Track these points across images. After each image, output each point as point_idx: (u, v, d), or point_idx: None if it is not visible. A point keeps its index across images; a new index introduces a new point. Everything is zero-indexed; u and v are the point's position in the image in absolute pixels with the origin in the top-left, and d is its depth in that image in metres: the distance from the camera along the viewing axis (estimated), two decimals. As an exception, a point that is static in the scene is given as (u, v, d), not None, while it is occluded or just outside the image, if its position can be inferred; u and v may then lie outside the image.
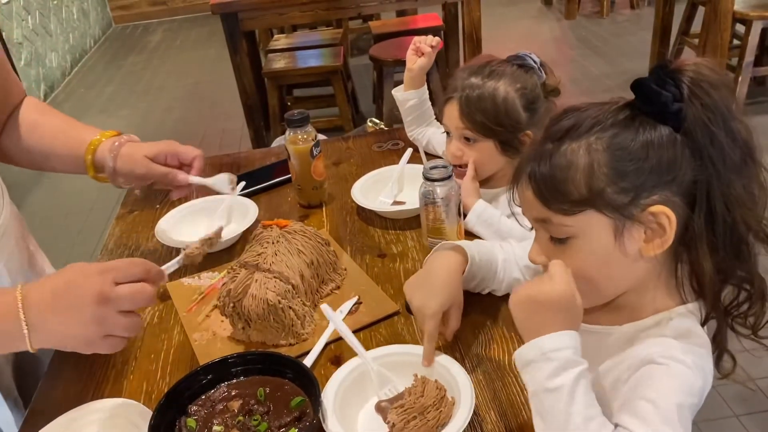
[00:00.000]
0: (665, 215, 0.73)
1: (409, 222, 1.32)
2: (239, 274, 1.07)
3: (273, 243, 1.12)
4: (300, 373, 0.91)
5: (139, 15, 7.25)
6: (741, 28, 3.66)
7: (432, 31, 3.75)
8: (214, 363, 0.94)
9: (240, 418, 0.87)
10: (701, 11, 3.75)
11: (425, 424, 0.87)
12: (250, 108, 3.52)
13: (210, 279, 1.22)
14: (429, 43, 1.46)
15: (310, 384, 0.88)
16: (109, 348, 0.82)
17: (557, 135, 0.77)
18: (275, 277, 1.05)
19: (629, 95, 0.76)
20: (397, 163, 1.47)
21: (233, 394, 0.91)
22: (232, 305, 1.04)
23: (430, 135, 1.54)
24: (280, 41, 4.05)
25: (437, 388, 0.91)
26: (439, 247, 1.03)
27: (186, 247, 0.99)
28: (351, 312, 1.09)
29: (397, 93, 1.54)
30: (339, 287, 1.15)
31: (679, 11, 4.07)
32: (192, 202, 1.43)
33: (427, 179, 1.09)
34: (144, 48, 6.42)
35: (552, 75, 1.34)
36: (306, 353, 1.01)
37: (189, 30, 6.83)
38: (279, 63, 3.63)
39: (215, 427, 0.86)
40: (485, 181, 1.35)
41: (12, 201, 1.14)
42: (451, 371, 0.91)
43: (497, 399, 0.91)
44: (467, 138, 1.29)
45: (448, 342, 1.00)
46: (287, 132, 1.37)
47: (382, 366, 0.95)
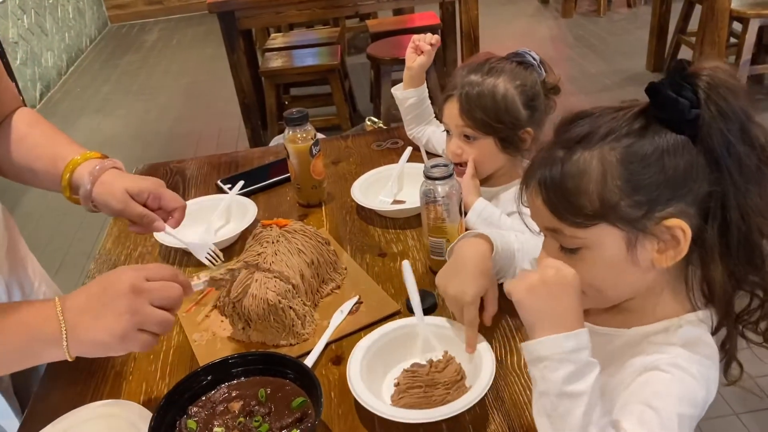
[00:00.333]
0: (680, 228, 0.71)
1: (410, 221, 1.31)
2: (239, 273, 1.06)
3: (273, 242, 1.11)
4: (301, 374, 0.90)
5: (135, 14, 7.22)
6: (738, 26, 3.66)
7: (429, 30, 3.72)
8: (214, 363, 0.93)
9: (241, 419, 0.86)
10: (698, 9, 3.76)
11: (426, 396, 0.87)
12: (247, 107, 3.51)
13: (205, 282, 1.20)
14: (428, 41, 1.45)
15: (311, 384, 0.87)
16: (142, 344, 0.83)
17: (569, 142, 0.75)
18: (275, 277, 1.05)
19: (626, 94, 0.74)
20: (397, 162, 1.46)
21: (234, 395, 0.91)
22: (231, 305, 1.03)
23: (429, 134, 1.53)
24: (276, 40, 4.04)
25: (457, 371, 0.91)
26: (464, 236, 1.02)
27: (213, 273, 1.01)
28: (352, 312, 1.08)
29: (397, 91, 1.54)
30: (339, 287, 1.15)
31: (676, 9, 4.07)
32: (191, 201, 1.42)
33: (429, 178, 1.08)
34: (140, 47, 6.40)
35: (552, 73, 1.33)
36: (307, 353, 1.01)
37: (185, 29, 6.80)
38: (276, 62, 3.62)
39: (216, 429, 0.85)
40: (485, 180, 1.34)
41: (6, 203, 1.11)
42: (482, 362, 0.90)
43: (500, 398, 0.91)
44: (467, 136, 1.29)
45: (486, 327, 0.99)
46: (286, 131, 1.36)
47: (432, 334, 0.97)
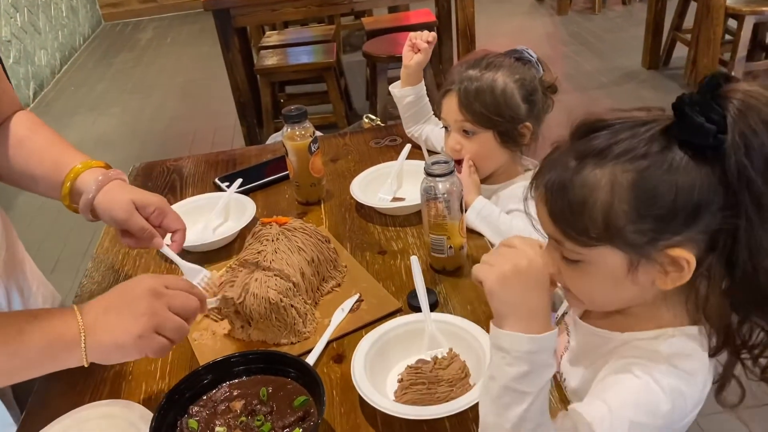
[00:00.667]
0: (685, 259, 0.69)
1: (409, 218, 1.31)
2: (238, 274, 1.05)
3: (273, 241, 1.10)
4: (303, 372, 0.89)
5: (129, 12, 7.19)
6: (733, 23, 3.67)
7: (425, 27, 3.73)
8: (215, 363, 0.92)
9: (243, 418, 0.86)
10: (693, 6, 3.76)
11: (430, 393, 0.87)
12: (242, 105, 3.50)
13: (207, 278, 1.20)
14: (425, 39, 1.44)
15: (313, 383, 0.86)
16: (158, 349, 0.84)
17: (583, 153, 0.72)
18: (276, 275, 1.04)
19: (622, 91, 0.72)
20: (395, 159, 1.46)
21: (235, 394, 0.90)
22: (233, 305, 1.02)
23: (428, 131, 1.52)
24: (272, 38, 4.02)
25: (462, 369, 0.90)
26: None
27: (225, 294, 1.02)
28: (352, 310, 1.07)
29: (395, 90, 1.53)
30: (340, 285, 1.14)
31: (672, 6, 4.07)
32: (189, 199, 1.41)
33: (429, 175, 1.08)
34: (134, 45, 6.37)
35: (549, 72, 1.33)
36: (308, 352, 1.00)
37: (180, 27, 6.77)
38: (271, 60, 3.61)
39: (218, 428, 0.85)
40: (486, 178, 1.34)
41: (1, 206, 1.10)
42: (486, 360, 0.89)
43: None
44: (466, 131, 1.29)
45: None
46: (285, 128, 1.35)
47: (438, 330, 0.97)
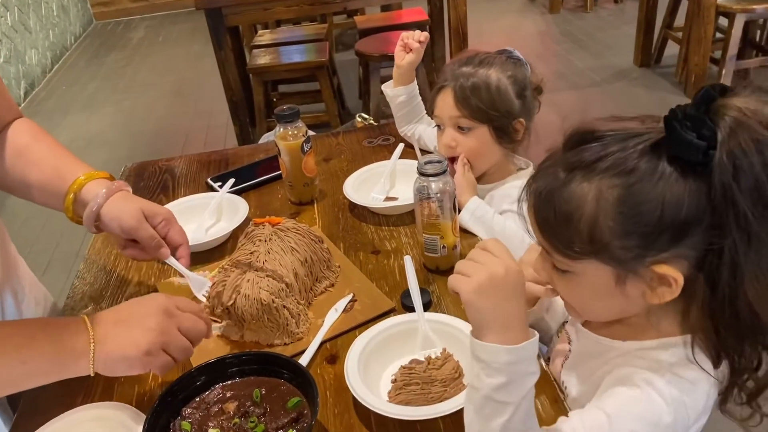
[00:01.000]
0: (672, 277, 0.68)
1: (402, 218, 1.30)
2: (230, 274, 1.05)
3: (265, 241, 1.10)
4: (296, 373, 0.89)
5: (121, 11, 7.15)
6: (724, 21, 3.68)
7: (417, 26, 3.75)
8: (208, 364, 0.92)
9: (236, 420, 0.85)
10: (684, 4, 3.78)
11: (423, 393, 0.87)
12: (235, 104, 3.48)
13: (214, 273, 1.19)
14: (417, 39, 1.45)
15: (306, 384, 0.86)
16: (162, 365, 0.86)
17: (573, 165, 0.70)
18: (268, 276, 1.04)
19: (614, 89, 0.72)
20: (388, 159, 1.46)
21: (228, 395, 0.90)
22: (223, 307, 1.02)
23: (421, 131, 1.52)
24: (264, 37, 4.01)
25: (455, 369, 0.90)
26: None
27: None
28: (346, 310, 1.07)
29: (387, 89, 1.53)
30: (333, 285, 1.14)
31: (663, 5, 4.08)
32: (181, 199, 1.41)
33: (422, 174, 1.08)
34: (126, 44, 6.34)
35: (535, 73, 1.34)
36: (301, 352, 1.00)
37: (172, 26, 6.74)
38: (264, 59, 3.60)
39: (211, 430, 0.84)
40: (479, 177, 1.34)
41: None
42: None
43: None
44: (461, 127, 1.29)
45: None
46: (277, 128, 1.35)
47: (432, 330, 0.97)
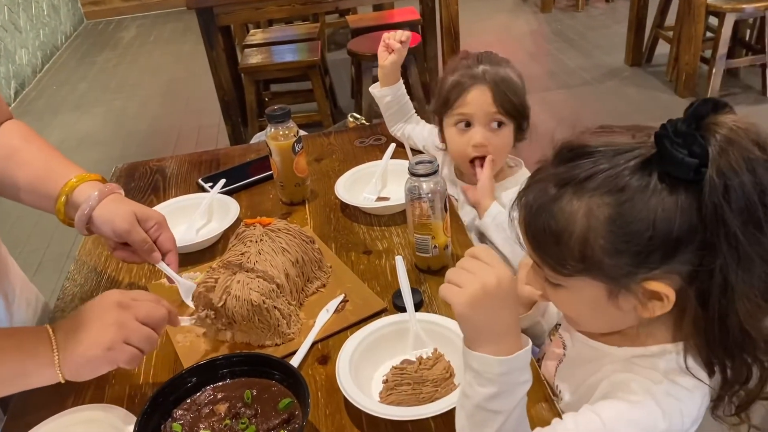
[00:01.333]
0: (664, 294, 0.68)
1: (394, 218, 1.31)
2: (219, 275, 1.04)
3: (256, 242, 1.10)
4: (287, 374, 0.89)
5: (112, 11, 7.12)
6: (714, 20, 3.70)
7: (409, 25, 3.75)
8: (199, 365, 0.92)
9: (227, 421, 0.85)
10: (675, 4, 3.80)
11: (415, 393, 0.87)
12: (226, 104, 3.48)
13: (191, 279, 1.19)
14: (398, 39, 1.45)
15: (298, 385, 0.86)
16: (128, 358, 0.85)
17: (563, 181, 0.70)
18: (259, 277, 1.03)
19: (606, 88, 0.71)
20: (380, 159, 1.46)
21: (219, 397, 0.90)
22: (207, 308, 1.01)
23: (410, 130, 1.53)
24: (256, 36, 4.00)
25: (446, 369, 0.90)
26: None
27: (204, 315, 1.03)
28: (337, 310, 1.07)
29: (374, 90, 1.54)
30: (324, 285, 1.14)
31: (654, 4, 4.10)
32: (172, 200, 1.40)
33: (413, 174, 1.08)
34: (117, 44, 6.31)
35: None
36: (293, 353, 1.00)
37: (163, 25, 6.72)
38: (256, 58, 3.59)
39: None
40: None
41: None
42: None
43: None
44: (497, 124, 1.28)
45: None
46: (268, 128, 1.34)
47: (423, 330, 0.97)
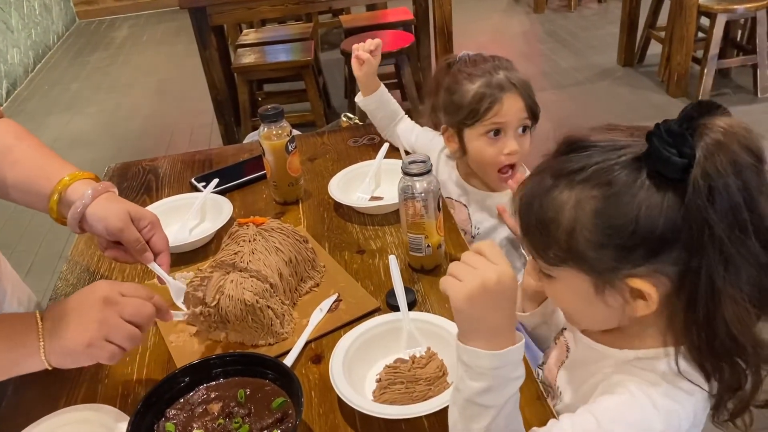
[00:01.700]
0: (647, 293, 0.68)
1: (388, 217, 1.31)
2: (214, 274, 1.04)
3: (250, 241, 1.10)
4: (281, 374, 0.89)
5: (104, 10, 7.09)
6: (706, 21, 3.72)
7: (402, 25, 3.75)
8: (192, 365, 0.91)
9: (220, 421, 0.85)
10: (667, 4, 3.81)
11: (408, 392, 0.87)
12: (220, 104, 3.47)
13: (184, 279, 1.19)
14: (367, 49, 1.46)
15: (291, 384, 0.86)
16: (108, 356, 0.85)
17: (558, 172, 0.71)
18: (252, 277, 1.03)
19: (598, 88, 0.71)
20: (374, 159, 1.46)
21: (213, 396, 0.89)
22: (202, 307, 1.01)
23: (400, 132, 1.53)
24: (249, 36, 3.99)
25: (439, 367, 0.91)
26: None
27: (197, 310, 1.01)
28: (331, 309, 1.07)
29: (359, 101, 1.56)
30: (318, 285, 1.14)
31: (646, 4, 4.11)
32: (165, 200, 1.40)
33: (406, 174, 1.08)
34: (110, 44, 6.29)
35: None
36: (286, 353, 1.00)
37: (156, 25, 6.70)
38: (249, 58, 3.58)
39: (195, 431, 0.84)
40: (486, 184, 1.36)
41: None
42: None
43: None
44: (522, 129, 1.29)
45: None
46: (261, 127, 1.34)
47: (416, 329, 0.97)
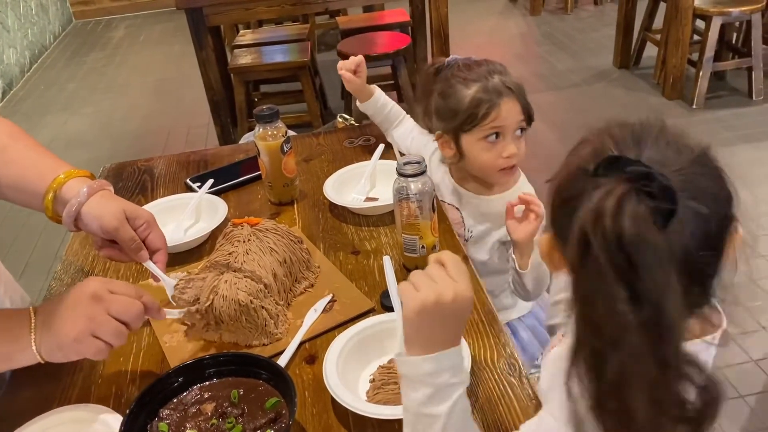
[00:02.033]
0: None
1: (383, 218, 1.31)
2: (208, 275, 1.04)
3: (244, 242, 1.10)
4: (274, 374, 0.89)
5: (101, 10, 7.08)
6: (701, 23, 3.73)
7: (399, 27, 3.76)
8: (186, 365, 0.92)
9: (214, 421, 0.85)
10: (663, 7, 3.82)
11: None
12: (216, 104, 3.47)
13: (178, 279, 1.19)
14: (349, 68, 1.49)
15: (285, 384, 0.86)
16: (95, 351, 0.86)
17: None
18: (246, 277, 1.03)
19: (594, 90, 0.70)
20: (369, 159, 1.46)
21: (206, 396, 0.90)
22: (196, 309, 1.01)
23: (396, 136, 1.53)
24: (246, 37, 3.99)
25: None
26: None
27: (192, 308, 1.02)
28: (325, 310, 1.07)
29: (358, 105, 1.56)
30: (312, 285, 1.14)
31: (642, 7, 4.13)
32: (160, 200, 1.40)
33: (401, 175, 1.08)
34: (106, 44, 6.28)
35: None
36: (280, 353, 1.00)
37: (153, 26, 6.69)
38: (245, 58, 3.58)
39: (188, 431, 0.84)
40: (490, 186, 1.36)
41: None
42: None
43: (473, 394, 0.91)
44: (519, 131, 1.29)
45: None
46: (257, 128, 1.35)
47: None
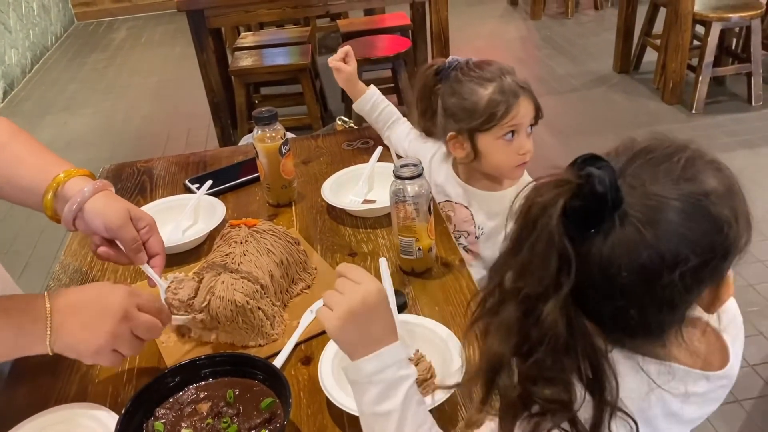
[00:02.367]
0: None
1: (380, 220, 1.31)
2: (205, 275, 1.05)
3: (241, 243, 1.10)
4: (270, 374, 0.90)
5: (103, 12, 7.10)
6: (701, 29, 3.74)
7: (400, 30, 3.77)
8: (182, 365, 0.92)
9: (209, 420, 0.86)
10: (663, 12, 3.83)
11: None
12: (216, 106, 3.47)
13: (169, 282, 1.19)
14: (338, 58, 1.50)
15: (280, 385, 0.87)
16: (111, 362, 0.88)
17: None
18: (243, 278, 1.04)
19: (594, 95, 0.71)
20: (367, 162, 1.46)
21: (202, 396, 0.90)
22: (200, 319, 1.02)
23: (394, 138, 1.53)
24: (247, 39, 4.00)
25: (427, 369, 0.91)
26: None
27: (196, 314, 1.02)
28: (321, 311, 1.08)
29: (354, 106, 1.57)
30: (309, 287, 1.15)
31: (642, 12, 4.14)
32: (158, 201, 1.41)
33: (398, 177, 1.09)
34: (108, 45, 6.29)
35: None
36: (276, 354, 1.00)
37: (154, 27, 6.71)
38: (246, 61, 3.59)
39: (184, 431, 0.85)
40: (497, 181, 1.38)
41: None
42: (452, 361, 0.91)
43: (469, 396, 0.91)
44: (530, 128, 1.32)
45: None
46: (255, 130, 1.35)
47: (405, 332, 0.96)
